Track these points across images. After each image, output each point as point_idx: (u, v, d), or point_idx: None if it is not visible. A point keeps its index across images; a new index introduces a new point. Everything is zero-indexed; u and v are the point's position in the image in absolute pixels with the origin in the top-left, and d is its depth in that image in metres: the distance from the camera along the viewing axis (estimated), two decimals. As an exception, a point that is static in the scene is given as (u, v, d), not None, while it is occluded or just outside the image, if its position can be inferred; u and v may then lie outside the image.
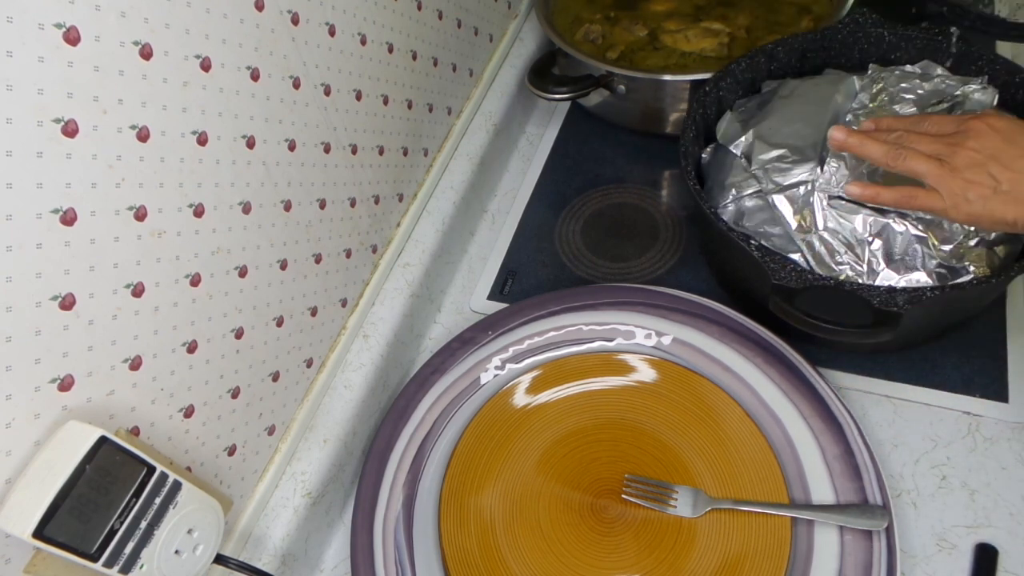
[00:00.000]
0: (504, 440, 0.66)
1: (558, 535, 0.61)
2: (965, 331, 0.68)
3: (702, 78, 0.75)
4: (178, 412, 0.50)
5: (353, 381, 0.67)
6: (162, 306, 0.47)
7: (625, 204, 0.85)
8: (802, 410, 0.63)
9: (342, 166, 0.63)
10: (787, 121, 0.68)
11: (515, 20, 0.95)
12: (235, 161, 0.51)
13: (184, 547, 0.47)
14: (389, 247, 0.74)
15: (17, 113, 0.36)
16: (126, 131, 0.42)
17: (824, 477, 0.60)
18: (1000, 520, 0.59)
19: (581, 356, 0.69)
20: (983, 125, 0.54)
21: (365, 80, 0.64)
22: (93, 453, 0.41)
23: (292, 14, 0.54)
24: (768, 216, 0.65)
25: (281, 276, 0.57)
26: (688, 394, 0.66)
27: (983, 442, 0.63)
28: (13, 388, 0.39)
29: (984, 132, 0.53)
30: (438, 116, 0.79)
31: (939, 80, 0.66)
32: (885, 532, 0.56)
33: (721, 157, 0.70)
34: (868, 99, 0.67)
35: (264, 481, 0.60)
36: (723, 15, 0.86)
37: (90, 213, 0.41)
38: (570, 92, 0.84)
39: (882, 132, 0.58)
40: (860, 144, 0.57)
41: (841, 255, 0.62)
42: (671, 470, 0.63)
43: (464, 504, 0.63)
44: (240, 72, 0.50)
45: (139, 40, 0.42)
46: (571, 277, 0.80)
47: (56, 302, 0.40)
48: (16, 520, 0.38)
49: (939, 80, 0.66)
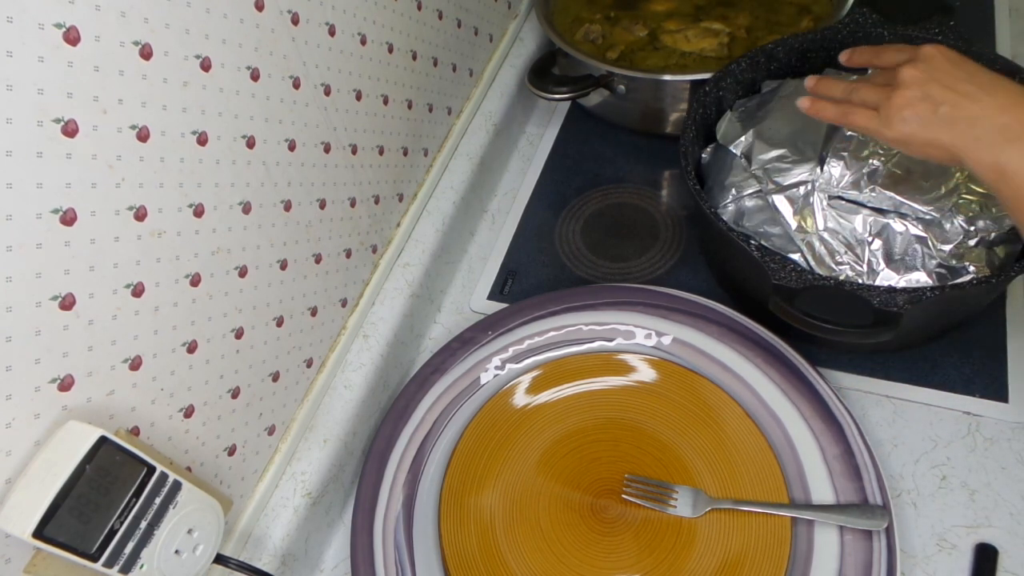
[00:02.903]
0: (504, 440, 0.66)
1: (558, 535, 0.61)
2: (965, 331, 0.68)
3: (702, 78, 0.75)
4: (178, 412, 0.50)
5: (353, 381, 0.67)
6: (162, 306, 0.47)
7: (625, 204, 0.85)
8: (802, 410, 0.63)
9: (342, 166, 0.63)
10: (787, 121, 0.68)
11: (515, 20, 0.95)
12: (235, 161, 0.51)
13: (184, 547, 0.47)
14: (389, 247, 0.74)
15: (17, 113, 0.36)
16: (126, 131, 0.42)
17: (824, 477, 0.60)
18: (1000, 520, 0.59)
19: (581, 356, 0.69)
20: (933, 50, 0.52)
21: (365, 80, 0.64)
22: (93, 453, 0.41)
23: (292, 14, 0.54)
24: (768, 216, 0.65)
25: (281, 276, 0.57)
26: (688, 394, 0.66)
27: (983, 442, 0.63)
28: (13, 388, 0.39)
29: (932, 55, 0.52)
30: (438, 116, 0.79)
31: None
32: (885, 532, 0.56)
33: (721, 157, 0.70)
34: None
35: (264, 481, 0.60)
36: (723, 15, 0.86)
37: (90, 213, 0.41)
38: (570, 92, 0.84)
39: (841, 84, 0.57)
40: (816, 110, 0.57)
41: (841, 255, 0.62)
42: (671, 470, 0.63)
43: (464, 504, 0.63)
44: (240, 72, 0.50)
45: (139, 40, 0.42)
46: (571, 277, 0.80)
47: (56, 302, 0.40)
48: (16, 520, 0.38)
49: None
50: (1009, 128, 0.48)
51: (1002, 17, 0.93)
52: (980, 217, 0.60)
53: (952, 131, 0.50)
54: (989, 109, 0.49)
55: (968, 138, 0.49)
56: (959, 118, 0.49)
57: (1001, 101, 0.49)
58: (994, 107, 0.49)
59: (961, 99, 0.50)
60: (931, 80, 0.50)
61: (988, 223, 0.60)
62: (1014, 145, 0.48)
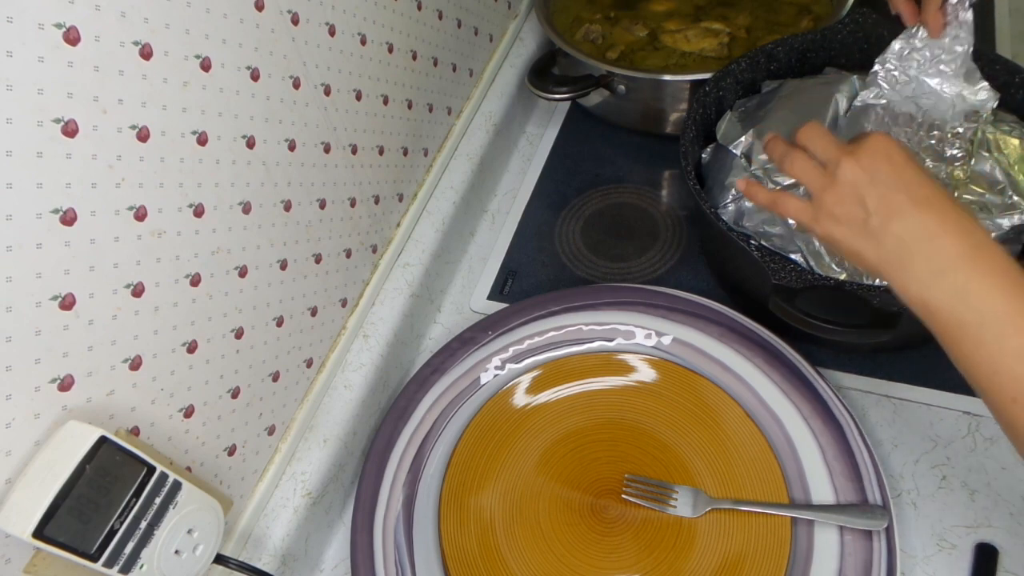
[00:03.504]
0: (504, 440, 0.66)
1: (558, 535, 0.61)
2: (965, 331, 0.68)
3: (702, 78, 0.75)
4: (178, 412, 0.50)
5: (353, 381, 0.67)
6: (162, 306, 0.47)
7: (625, 204, 0.85)
8: (802, 410, 0.63)
9: (342, 166, 0.63)
10: (787, 121, 0.68)
11: (515, 20, 0.95)
12: (235, 161, 0.51)
13: (184, 547, 0.47)
14: (389, 247, 0.74)
15: (17, 113, 0.36)
16: (126, 131, 0.42)
17: (824, 477, 0.60)
18: (1000, 520, 0.59)
19: (581, 356, 0.69)
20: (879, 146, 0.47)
21: (365, 80, 0.64)
22: (93, 453, 0.41)
23: (292, 14, 0.54)
24: (768, 216, 0.65)
25: (281, 276, 0.57)
26: (688, 394, 0.66)
27: (983, 442, 0.63)
28: (13, 388, 0.39)
29: (876, 153, 0.47)
30: (438, 116, 0.79)
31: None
32: (885, 532, 0.56)
33: (721, 157, 0.70)
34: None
35: (264, 481, 0.60)
36: (723, 15, 0.86)
37: (90, 213, 0.41)
38: (570, 92, 0.84)
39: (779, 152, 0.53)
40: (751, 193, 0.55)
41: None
42: (671, 470, 0.63)
43: (464, 504, 0.63)
44: (240, 72, 0.50)
45: (139, 40, 0.42)
46: (571, 277, 0.80)
47: (56, 302, 0.40)
48: (16, 520, 0.38)
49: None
50: (934, 259, 0.44)
51: (1002, 17, 0.93)
52: (980, 217, 0.60)
53: (879, 250, 0.46)
54: (917, 232, 0.45)
55: (894, 264, 0.46)
56: (887, 235, 0.46)
57: (931, 225, 0.45)
58: (922, 231, 0.45)
59: (893, 215, 0.45)
60: (870, 183, 0.46)
61: (988, 223, 0.59)
62: (938, 281, 0.44)
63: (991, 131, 0.63)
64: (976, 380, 0.44)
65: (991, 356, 0.42)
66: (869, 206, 0.46)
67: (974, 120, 0.62)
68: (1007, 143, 0.62)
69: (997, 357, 0.42)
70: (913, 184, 0.46)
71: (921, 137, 0.62)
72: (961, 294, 0.43)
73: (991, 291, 0.43)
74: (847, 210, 0.47)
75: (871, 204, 0.46)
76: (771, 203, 0.53)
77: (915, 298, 0.45)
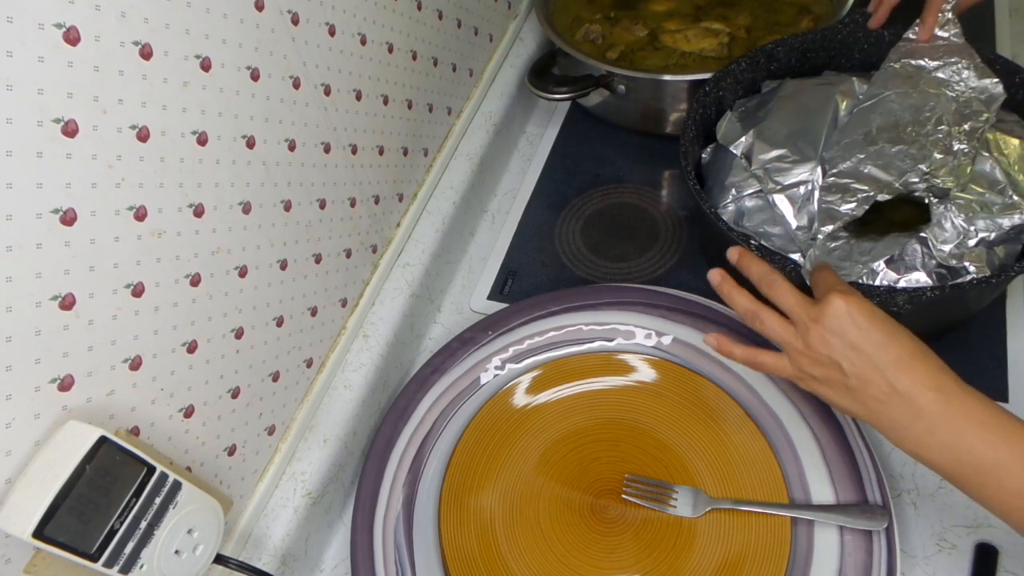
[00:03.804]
0: (504, 440, 0.66)
1: (558, 535, 0.61)
2: (965, 331, 0.68)
3: (702, 78, 0.75)
4: (178, 412, 0.50)
5: (353, 381, 0.67)
6: (162, 306, 0.47)
7: (625, 204, 0.85)
8: (802, 410, 0.63)
9: (342, 166, 0.63)
10: (787, 121, 0.68)
11: (515, 20, 0.95)
12: (235, 161, 0.51)
13: (184, 547, 0.47)
14: (389, 247, 0.74)
15: (17, 113, 0.36)
16: (126, 131, 0.42)
17: (824, 477, 0.60)
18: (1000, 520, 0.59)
19: (581, 356, 0.69)
20: (839, 311, 0.48)
21: (365, 80, 0.64)
22: (93, 453, 0.41)
23: (292, 14, 0.54)
24: (768, 216, 0.65)
25: (281, 276, 0.57)
26: (688, 394, 0.66)
27: (983, 442, 0.63)
28: (13, 388, 0.39)
29: (842, 319, 0.48)
30: (438, 116, 0.79)
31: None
32: (885, 532, 0.56)
33: (721, 157, 0.70)
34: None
35: (264, 481, 0.60)
36: (723, 15, 0.86)
37: (90, 213, 0.41)
38: (570, 92, 0.84)
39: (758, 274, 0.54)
40: (726, 351, 0.56)
41: (841, 255, 0.61)
42: (671, 470, 0.63)
43: (464, 504, 0.63)
44: (240, 72, 0.50)
45: (139, 40, 0.42)
46: (571, 277, 0.80)
47: (56, 302, 0.40)
48: (16, 520, 0.38)
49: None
50: (917, 421, 0.46)
51: (1002, 17, 0.93)
52: (980, 217, 0.60)
53: (865, 411, 0.49)
54: (893, 396, 0.47)
55: (884, 425, 0.48)
56: (867, 399, 0.48)
57: (906, 386, 0.47)
58: (897, 396, 0.47)
59: (868, 381, 0.48)
60: (840, 348, 0.48)
61: (988, 223, 0.59)
62: (927, 440, 0.46)
63: (991, 131, 0.63)
64: (992, 512, 0.47)
65: (998, 497, 0.45)
66: (845, 369, 0.48)
67: (981, 117, 0.62)
68: (1007, 143, 0.62)
69: (1004, 497, 0.45)
70: (882, 347, 0.48)
71: (929, 131, 0.62)
72: (952, 451, 0.46)
73: (974, 444, 0.45)
74: (825, 373, 0.50)
75: (846, 367, 0.48)
76: (749, 361, 0.55)
77: (911, 454, 0.48)
